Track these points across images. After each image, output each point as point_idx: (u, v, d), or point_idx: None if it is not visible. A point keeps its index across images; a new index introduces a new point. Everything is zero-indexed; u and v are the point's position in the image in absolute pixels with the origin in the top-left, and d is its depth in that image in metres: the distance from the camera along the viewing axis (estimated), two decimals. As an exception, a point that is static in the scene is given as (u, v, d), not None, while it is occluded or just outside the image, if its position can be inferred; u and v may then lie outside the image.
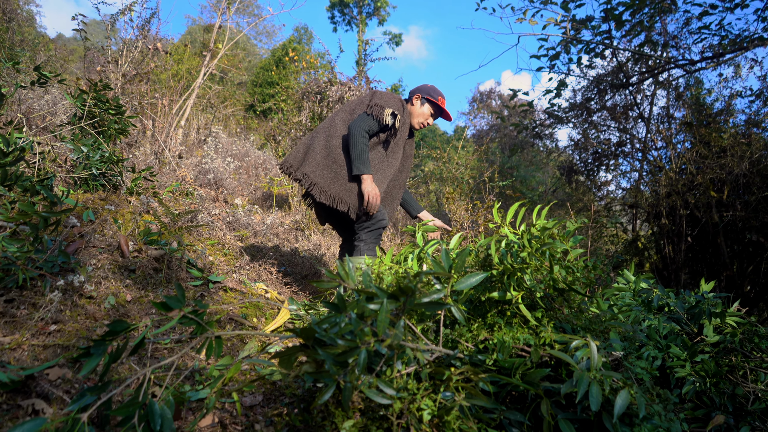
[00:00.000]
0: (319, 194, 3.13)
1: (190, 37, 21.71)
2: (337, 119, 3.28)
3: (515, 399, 1.65)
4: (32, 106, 5.03)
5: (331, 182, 3.14)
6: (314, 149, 3.21)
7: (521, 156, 12.95)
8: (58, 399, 1.67)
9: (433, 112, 3.44)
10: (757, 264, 5.74)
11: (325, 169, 3.16)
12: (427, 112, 3.41)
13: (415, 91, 3.45)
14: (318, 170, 3.16)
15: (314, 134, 3.30)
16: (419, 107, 3.41)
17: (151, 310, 2.49)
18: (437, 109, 3.44)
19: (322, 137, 3.25)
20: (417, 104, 3.41)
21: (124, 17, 6.16)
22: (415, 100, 3.41)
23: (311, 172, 3.16)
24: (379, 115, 3.14)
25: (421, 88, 3.44)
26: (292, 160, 3.26)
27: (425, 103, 3.40)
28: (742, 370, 2.06)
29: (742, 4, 5.90)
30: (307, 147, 3.25)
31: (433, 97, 3.38)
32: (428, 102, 3.40)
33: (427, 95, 3.39)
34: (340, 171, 3.15)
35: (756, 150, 5.73)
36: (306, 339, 1.33)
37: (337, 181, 3.14)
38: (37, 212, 2.12)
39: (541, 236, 1.82)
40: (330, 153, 3.18)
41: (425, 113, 3.41)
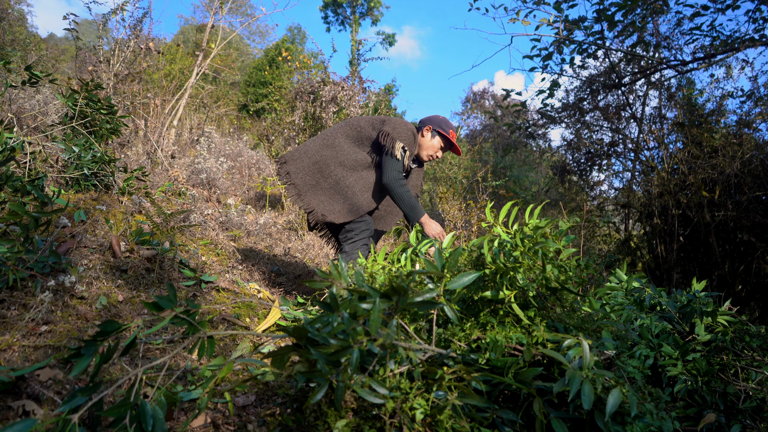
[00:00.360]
0: (292, 194, 3.18)
1: (182, 37, 21.64)
2: (345, 143, 3.23)
3: (508, 398, 1.65)
4: (23, 105, 5.00)
5: (310, 189, 3.17)
6: (307, 154, 3.20)
7: (514, 156, 12.99)
8: (48, 400, 1.66)
9: (443, 145, 3.41)
10: (749, 263, 5.77)
11: (308, 176, 3.17)
12: (437, 145, 3.38)
13: (426, 121, 3.40)
14: (301, 174, 3.17)
15: (314, 140, 3.27)
16: (429, 139, 3.37)
17: (143, 311, 2.48)
18: (447, 143, 3.40)
19: (318, 145, 3.22)
20: (427, 136, 3.36)
21: (116, 17, 6.13)
22: (426, 132, 3.36)
23: (294, 173, 3.17)
24: (390, 148, 3.10)
25: (433, 120, 3.39)
26: (287, 157, 3.24)
27: (436, 136, 3.36)
28: (733, 368, 2.08)
29: (733, 5, 5.93)
30: (316, 178, 3.20)
31: (444, 130, 3.35)
32: (439, 135, 3.37)
33: (439, 128, 3.35)
34: (324, 184, 3.17)
35: (747, 150, 5.76)
36: (298, 338, 1.33)
37: (316, 190, 3.16)
38: (27, 212, 2.10)
39: (533, 235, 1.82)
40: (321, 165, 3.17)
41: (435, 146, 3.37)
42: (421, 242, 2.48)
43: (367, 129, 3.25)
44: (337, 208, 3.14)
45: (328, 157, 3.17)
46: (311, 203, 3.13)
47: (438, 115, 3.45)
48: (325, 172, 3.15)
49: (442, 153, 3.44)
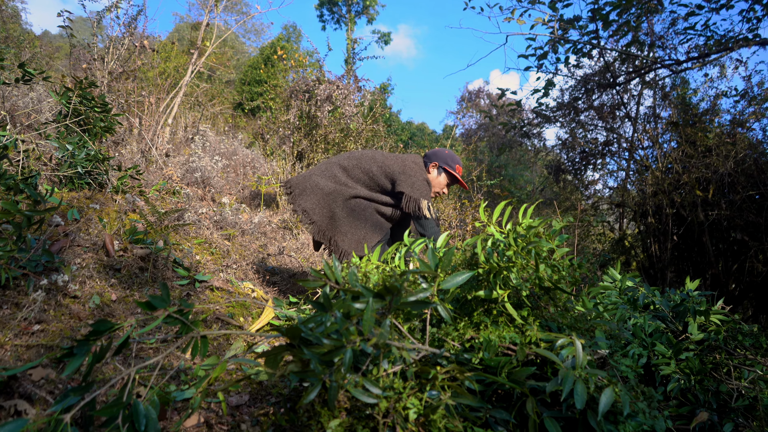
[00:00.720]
0: (316, 233, 3.14)
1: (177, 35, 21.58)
2: (353, 179, 3.21)
3: (501, 397, 1.65)
4: (17, 103, 4.97)
5: (329, 223, 3.14)
6: (318, 187, 3.16)
7: (509, 155, 13.00)
8: (41, 400, 1.65)
9: (449, 181, 3.41)
10: (742, 262, 5.80)
11: (324, 209, 3.13)
12: (444, 181, 3.38)
13: (432, 157, 3.37)
14: (318, 209, 3.13)
15: (323, 173, 3.24)
16: (436, 176, 3.36)
17: (136, 310, 2.47)
18: (453, 179, 3.40)
19: (331, 180, 3.18)
20: (434, 173, 3.36)
21: (110, 14, 6.11)
22: (432, 169, 3.35)
23: (311, 209, 3.13)
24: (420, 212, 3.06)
25: (439, 156, 3.37)
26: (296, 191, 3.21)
27: (442, 173, 3.36)
28: (726, 367, 2.08)
29: (727, 4, 5.95)
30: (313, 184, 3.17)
31: (451, 166, 3.34)
32: (445, 172, 3.36)
33: (445, 164, 3.34)
34: (340, 213, 3.15)
35: (741, 149, 5.79)
36: (292, 338, 1.33)
37: (335, 222, 3.14)
38: (20, 211, 2.09)
39: (527, 235, 1.82)
40: (335, 195, 3.14)
41: (441, 183, 3.38)
42: (415, 242, 2.48)
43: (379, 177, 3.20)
44: (361, 234, 3.11)
45: (340, 191, 3.13)
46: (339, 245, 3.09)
47: (444, 149, 3.41)
48: (338, 201, 3.12)
49: (448, 189, 3.43)
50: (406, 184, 3.11)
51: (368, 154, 3.29)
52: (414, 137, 23.74)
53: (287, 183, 3.25)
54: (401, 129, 21.49)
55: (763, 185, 5.53)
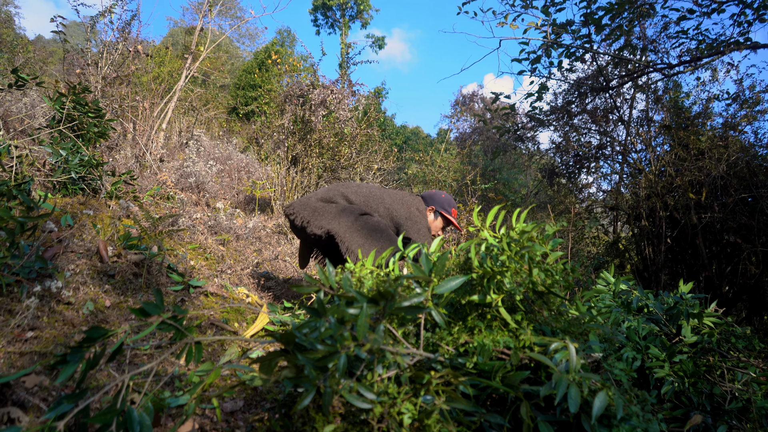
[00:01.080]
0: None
1: (171, 40, 21.56)
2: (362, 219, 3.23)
3: (495, 402, 1.65)
4: (10, 109, 4.96)
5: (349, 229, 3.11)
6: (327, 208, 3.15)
7: (503, 159, 13.03)
8: (34, 407, 1.65)
9: (443, 224, 3.50)
10: (735, 265, 5.83)
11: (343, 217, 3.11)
12: (440, 225, 3.48)
13: (429, 200, 3.45)
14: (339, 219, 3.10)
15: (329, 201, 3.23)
16: (433, 220, 3.45)
17: (130, 316, 2.46)
18: (448, 223, 3.51)
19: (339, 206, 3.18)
20: (431, 217, 3.45)
21: (104, 19, 6.11)
22: (429, 212, 3.44)
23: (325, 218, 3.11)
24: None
25: (436, 200, 3.46)
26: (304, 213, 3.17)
27: (438, 217, 3.46)
28: (719, 369, 2.09)
29: (718, 9, 6.00)
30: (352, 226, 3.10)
31: (447, 211, 3.44)
32: (441, 216, 3.46)
33: (442, 209, 3.43)
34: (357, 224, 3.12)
35: (733, 152, 5.82)
36: (286, 344, 1.33)
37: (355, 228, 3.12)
38: (13, 217, 2.09)
39: (520, 239, 1.83)
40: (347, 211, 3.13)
41: (437, 226, 3.47)
42: (409, 247, 2.48)
43: (385, 220, 3.23)
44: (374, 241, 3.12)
45: (351, 211, 3.13)
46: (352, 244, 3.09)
47: (441, 192, 3.51)
48: (354, 213, 3.13)
49: (442, 232, 3.52)
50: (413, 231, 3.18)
51: (375, 192, 3.32)
52: (408, 141, 23.77)
53: (291, 207, 3.23)
54: (396, 133, 21.53)
55: (755, 188, 5.56)
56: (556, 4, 6.65)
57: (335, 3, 27.80)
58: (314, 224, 3.10)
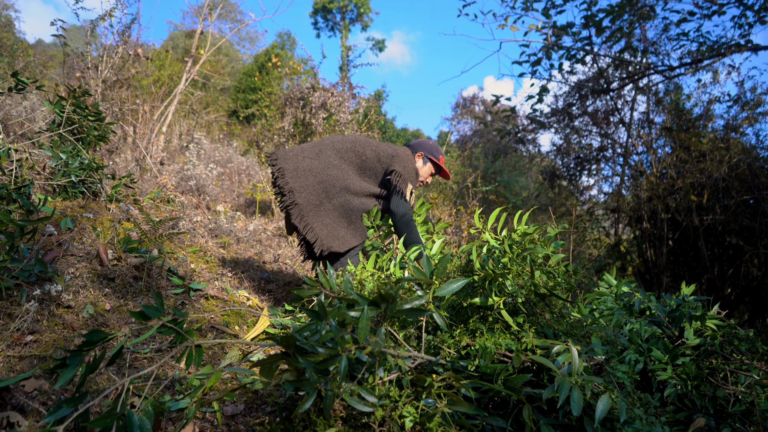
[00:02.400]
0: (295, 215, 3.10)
1: (171, 43, 21.57)
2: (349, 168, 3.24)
3: (497, 405, 1.64)
4: (10, 112, 4.96)
5: (313, 210, 3.11)
6: (312, 172, 3.13)
7: (504, 161, 13.04)
8: (34, 411, 1.64)
9: (433, 171, 3.53)
10: (737, 267, 5.81)
11: (312, 195, 3.11)
12: (428, 171, 3.50)
13: (418, 147, 3.49)
14: (305, 193, 3.11)
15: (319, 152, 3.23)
16: (422, 166, 3.48)
17: (130, 319, 2.46)
18: (437, 168, 3.53)
19: (323, 164, 3.18)
20: (419, 162, 3.48)
21: (104, 23, 6.11)
22: (418, 158, 3.47)
23: (297, 191, 3.10)
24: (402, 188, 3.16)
25: (425, 146, 3.49)
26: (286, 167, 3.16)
27: (427, 162, 3.48)
28: (722, 372, 2.08)
29: (719, 11, 6.00)
30: (320, 198, 3.14)
31: (435, 156, 3.46)
32: (430, 161, 3.48)
33: (430, 154, 3.46)
34: (327, 205, 3.12)
35: (734, 154, 5.81)
36: (287, 347, 1.32)
37: (319, 211, 3.11)
38: (13, 221, 2.08)
39: (522, 241, 1.82)
40: (326, 185, 3.12)
41: (426, 172, 3.49)
42: (410, 249, 2.48)
43: (372, 161, 3.28)
44: (341, 233, 3.12)
45: (335, 178, 3.15)
46: (316, 230, 3.09)
47: (429, 140, 3.55)
48: (330, 194, 3.13)
49: (431, 179, 3.53)
50: (398, 165, 3.23)
51: (361, 139, 3.40)
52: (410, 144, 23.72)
53: (274, 155, 3.23)
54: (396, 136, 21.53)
55: (757, 190, 5.55)
56: (557, 6, 6.66)
57: (335, 6, 27.84)
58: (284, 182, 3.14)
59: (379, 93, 14.44)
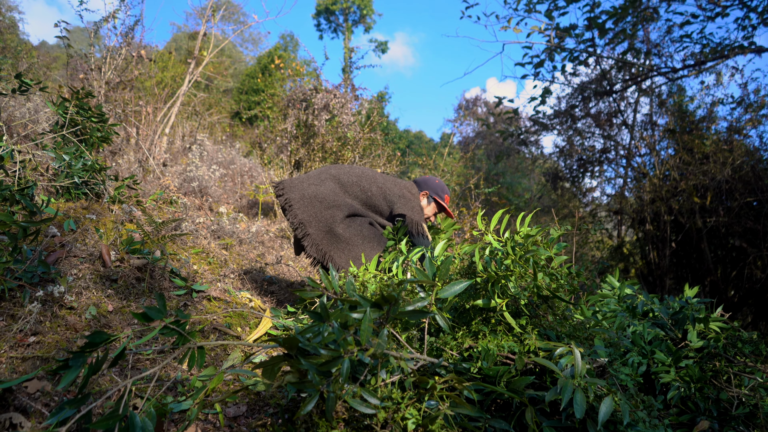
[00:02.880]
0: (309, 246, 3.10)
1: (175, 44, 21.62)
2: (351, 196, 3.23)
3: (500, 407, 1.64)
4: (13, 114, 4.97)
5: (325, 237, 3.11)
6: (317, 198, 3.14)
7: (507, 163, 13.03)
8: (36, 412, 1.64)
9: (437, 210, 3.53)
10: (741, 269, 5.80)
11: (321, 222, 3.11)
12: (432, 211, 3.50)
13: (423, 185, 3.48)
14: (315, 222, 3.11)
15: (323, 182, 3.23)
16: (426, 205, 3.48)
17: (133, 321, 2.46)
18: (441, 208, 3.53)
19: (329, 190, 3.18)
20: (423, 201, 3.48)
21: (107, 24, 6.12)
22: (422, 197, 3.47)
23: (308, 221, 3.10)
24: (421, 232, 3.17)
25: (430, 185, 3.48)
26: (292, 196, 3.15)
27: (432, 202, 3.49)
28: (726, 374, 2.08)
29: (722, 13, 5.99)
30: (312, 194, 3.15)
31: (440, 196, 3.46)
32: (435, 201, 3.49)
33: (435, 194, 3.46)
34: (338, 230, 3.12)
35: (738, 156, 5.80)
36: (289, 348, 1.32)
37: (332, 238, 3.11)
38: (16, 222, 2.08)
39: (524, 243, 1.82)
40: (335, 210, 3.13)
41: (430, 212, 3.50)
42: (413, 251, 2.47)
43: (377, 198, 3.27)
44: (358, 253, 3.12)
45: (341, 204, 3.15)
46: (335, 259, 3.07)
47: (434, 178, 3.54)
48: (336, 218, 3.12)
49: (434, 218, 3.57)
50: (406, 208, 3.21)
51: (367, 173, 3.36)
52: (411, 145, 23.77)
53: (280, 185, 3.24)
54: (399, 137, 21.52)
55: (760, 192, 5.54)
56: (560, 8, 6.66)
57: (338, 8, 27.87)
58: (293, 214, 3.14)
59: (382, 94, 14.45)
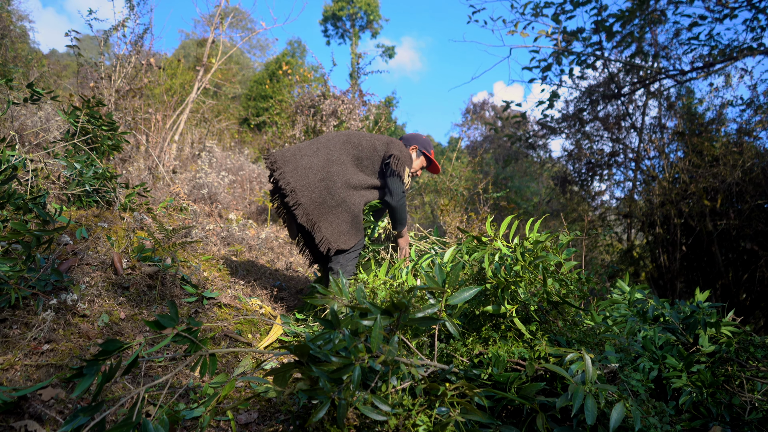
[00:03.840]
0: (300, 215, 3.11)
1: (183, 52, 21.75)
2: (348, 161, 3.26)
3: (511, 413, 1.64)
4: (25, 122, 5.02)
5: (317, 208, 3.11)
6: (312, 170, 3.17)
7: (515, 167, 13.00)
8: (51, 420, 1.66)
9: (425, 164, 3.60)
10: (752, 272, 5.76)
11: (314, 193, 3.12)
12: (420, 164, 3.57)
13: (412, 140, 3.54)
14: (308, 192, 3.12)
15: (317, 150, 3.25)
16: (415, 158, 3.54)
17: (145, 328, 2.48)
18: (428, 161, 3.60)
19: (324, 159, 3.20)
20: (414, 155, 3.53)
21: (117, 33, 6.18)
22: (412, 150, 3.51)
23: (300, 190, 3.11)
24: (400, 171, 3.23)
25: (418, 140, 3.55)
26: (286, 169, 3.16)
27: (420, 156, 3.55)
28: (738, 379, 2.06)
29: (730, 14, 5.96)
30: (322, 195, 3.15)
31: (428, 150, 3.54)
32: (423, 155, 3.55)
33: (423, 148, 3.53)
34: (330, 202, 3.13)
35: (748, 159, 5.77)
36: (300, 356, 1.33)
37: (323, 209, 3.12)
38: (29, 231, 2.11)
39: (534, 249, 1.82)
40: (325, 178, 3.15)
41: (418, 165, 3.56)
42: (422, 257, 2.48)
43: (368, 150, 3.31)
44: (345, 230, 3.13)
45: (335, 174, 3.16)
46: (322, 230, 3.11)
47: (421, 135, 3.61)
48: (331, 190, 3.13)
49: (420, 173, 3.63)
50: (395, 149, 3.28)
51: (355, 132, 3.46)
52: (419, 150, 23.68)
53: (272, 156, 3.21)
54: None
55: (771, 194, 5.50)
56: (567, 12, 6.65)
57: (345, 14, 27.94)
58: (285, 181, 3.14)
59: (390, 99, 14.46)
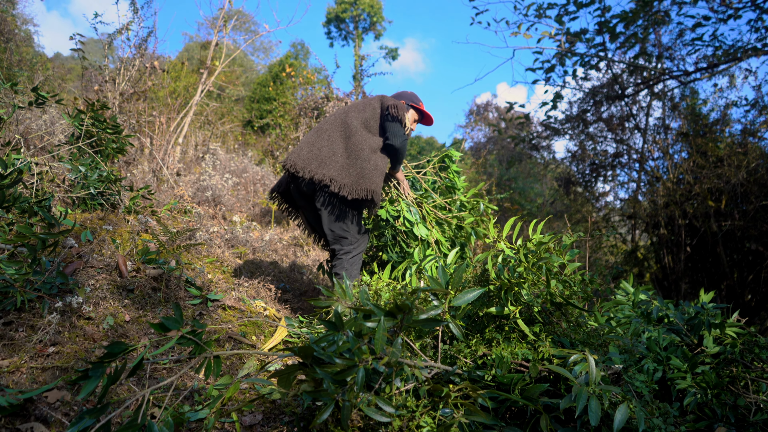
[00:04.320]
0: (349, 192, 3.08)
1: (187, 54, 21.80)
2: (353, 120, 3.27)
3: (515, 414, 1.64)
4: (30, 126, 5.04)
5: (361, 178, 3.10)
6: (335, 152, 3.16)
7: (519, 168, 12.99)
8: (56, 422, 1.66)
9: (417, 117, 3.57)
10: (757, 273, 5.74)
11: (352, 168, 3.12)
12: (413, 117, 3.55)
13: (399, 97, 3.53)
14: (344, 172, 3.12)
15: (329, 137, 3.24)
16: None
17: (150, 330, 2.48)
18: (421, 115, 3.58)
19: (341, 139, 3.21)
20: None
21: (121, 36, 6.20)
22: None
23: (337, 175, 3.10)
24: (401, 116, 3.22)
25: (405, 96, 3.54)
26: (308, 164, 3.13)
27: (410, 109, 3.52)
28: (743, 380, 2.06)
29: (734, 15, 5.95)
30: (326, 151, 3.18)
31: (416, 103, 3.51)
32: (413, 108, 3.52)
33: (411, 101, 3.51)
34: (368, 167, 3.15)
35: (753, 159, 5.75)
36: (304, 357, 1.33)
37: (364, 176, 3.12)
38: (35, 234, 2.12)
39: (537, 251, 1.82)
40: (352, 153, 3.16)
41: (411, 119, 3.54)
42: (425, 259, 2.48)
43: (370, 111, 3.30)
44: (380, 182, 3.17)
45: (357, 144, 3.19)
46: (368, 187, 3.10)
47: (406, 90, 3.60)
48: (362, 158, 3.17)
49: (415, 126, 3.60)
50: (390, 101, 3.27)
51: (349, 105, 3.45)
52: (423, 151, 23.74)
53: (290, 162, 3.18)
54: (410, 144, 21.52)
55: (776, 195, 5.49)
56: (570, 13, 6.65)
57: (348, 15, 27.95)
58: (322, 174, 3.12)
59: (393, 101, 14.45)
